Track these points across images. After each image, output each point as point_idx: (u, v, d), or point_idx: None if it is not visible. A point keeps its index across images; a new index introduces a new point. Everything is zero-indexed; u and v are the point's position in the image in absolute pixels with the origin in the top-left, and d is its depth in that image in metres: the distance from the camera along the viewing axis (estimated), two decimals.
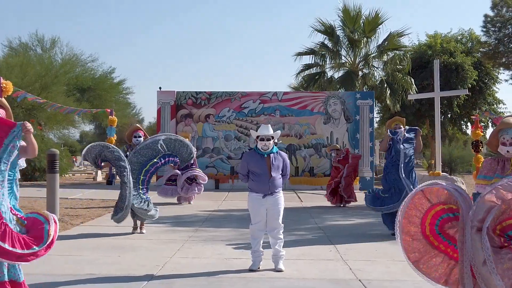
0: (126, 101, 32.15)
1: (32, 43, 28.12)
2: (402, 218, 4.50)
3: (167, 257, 7.28)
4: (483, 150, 14.90)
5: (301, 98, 21.25)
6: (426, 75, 27.80)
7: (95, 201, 14.73)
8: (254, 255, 6.61)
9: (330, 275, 6.38)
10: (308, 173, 20.60)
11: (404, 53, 26.01)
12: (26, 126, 4.33)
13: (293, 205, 13.88)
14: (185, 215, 12.16)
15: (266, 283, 5.99)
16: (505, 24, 21.25)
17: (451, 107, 29.33)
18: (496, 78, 30.72)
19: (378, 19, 25.42)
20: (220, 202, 15.14)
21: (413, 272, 4.57)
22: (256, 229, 6.64)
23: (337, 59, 26.05)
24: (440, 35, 31.70)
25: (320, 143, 20.76)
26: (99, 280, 6.01)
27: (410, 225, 4.50)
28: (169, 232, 9.53)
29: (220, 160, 20.74)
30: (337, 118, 20.81)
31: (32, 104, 21.75)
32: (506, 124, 4.81)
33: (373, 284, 5.94)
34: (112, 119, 13.74)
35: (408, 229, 4.50)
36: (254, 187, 6.61)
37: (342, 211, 13.19)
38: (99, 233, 9.30)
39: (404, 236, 4.50)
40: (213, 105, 20.88)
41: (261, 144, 6.56)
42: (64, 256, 7.12)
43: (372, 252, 7.86)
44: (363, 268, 6.72)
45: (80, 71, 28.32)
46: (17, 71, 21.90)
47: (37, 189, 14.47)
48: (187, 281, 6.00)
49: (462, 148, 31.51)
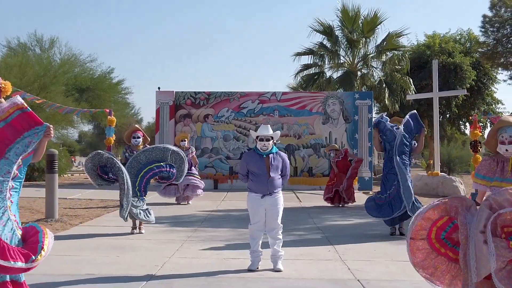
0: (125, 101, 32.12)
1: (31, 43, 28.10)
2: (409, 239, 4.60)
3: (166, 257, 7.29)
4: (481, 150, 14.89)
5: (299, 98, 21.25)
6: (424, 75, 27.84)
7: (94, 201, 14.73)
8: (253, 255, 6.62)
9: (329, 275, 6.40)
10: (307, 173, 20.61)
11: (403, 53, 26.04)
12: (49, 130, 4.35)
13: (292, 205, 13.89)
14: (184, 215, 12.17)
15: (265, 283, 6.00)
16: (503, 25, 21.26)
17: (450, 107, 29.37)
18: (494, 78, 30.77)
19: (377, 19, 25.43)
20: (219, 202, 15.15)
21: (412, 272, 4.59)
22: (255, 229, 6.65)
23: (336, 59, 26.07)
24: (439, 35, 31.75)
25: (319, 143, 20.77)
26: (99, 280, 6.03)
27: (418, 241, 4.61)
28: (168, 232, 9.53)
29: (219, 160, 20.74)
30: (336, 118, 20.83)
31: (31, 104, 21.73)
32: (505, 122, 4.73)
33: (371, 284, 5.96)
34: (111, 119, 13.70)
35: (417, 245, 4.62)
36: (253, 187, 6.63)
37: (341, 211, 13.20)
38: (98, 233, 9.30)
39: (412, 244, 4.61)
40: (212, 105, 20.88)
41: (261, 145, 6.57)
42: (63, 256, 7.12)
43: (371, 252, 7.87)
44: (361, 268, 6.74)
45: (79, 71, 28.29)
46: (16, 71, 21.88)
47: (36, 189, 14.47)
48: (186, 281, 6.01)
49: (461, 148, 31.47)
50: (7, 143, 4.20)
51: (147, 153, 9.15)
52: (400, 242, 8.71)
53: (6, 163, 4.16)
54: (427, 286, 4.88)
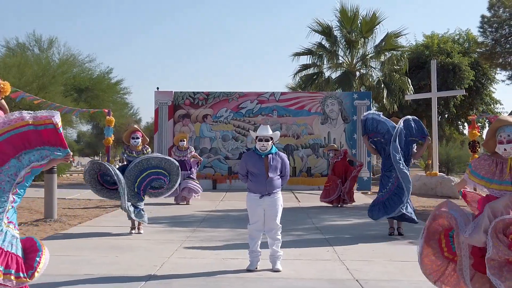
0: (124, 101, 32.10)
1: (30, 43, 28.04)
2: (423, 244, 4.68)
3: (165, 257, 7.30)
4: (480, 150, 14.92)
5: (298, 98, 21.28)
6: (423, 76, 27.86)
7: (92, 201, 14.74)
8: (252, 255, 6.63)
9: (328, 275, 6.41)
10: (306, 173, 20.62)
11: (401, 53, 26.06)
12: (69, 156, 4.38)
13: (290, 205, 13.90)
14: (182, 215, 12.18)
15: (264, 283, 6.01)
16: (502, 25, 21.27)
17: (448, 107, 29.39)
18: (493, 78, 30.80)
19: (376, 19, 25.44)
20: (217, 202, 15.16)
21: (410, 272, 4.60)
22: (253, 229, 6.66)
23: (335, 60, 26.09)
24: (437, 35, 31.77)
25: (317, 143, 20.79)
26: (97, 280, 6.03)
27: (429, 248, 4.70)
28: (167, 233, 9.54)
29: (217, 160, 20.75)
30: (335, 119, 20.85)
31: (29, 105, 21.72)
32: (503, 121, 4.61)
33: (370, 284, 5.97)
34: (110, 119, 13.70)
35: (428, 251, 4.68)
36: (252, 187, 6.65)
37: (340, 211, 13.21)
38: (97, 233, 9.31)
39: None
40: (210, 105, 20.90)
41: (259, 145, 6.58)
42: (62, 257, 7.12)
43: (369, 252, 7.89)
44: (360, 268, 6.75)
45: (77, 71, 28.27)
46: (15, 71, 21.85)
47: (35, 189, 14.45)
48: (185, 281, 6.02)
49: (459, 148, 31.50)
50: (27, 146, 4.21)
51: (147, 160, 9.31)
52: (398, 242, 8.74)
53: (17, 165, 4.17)
54: (426, 286, 4.90)
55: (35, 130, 4.23)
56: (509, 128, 4.52)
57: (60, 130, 4.33)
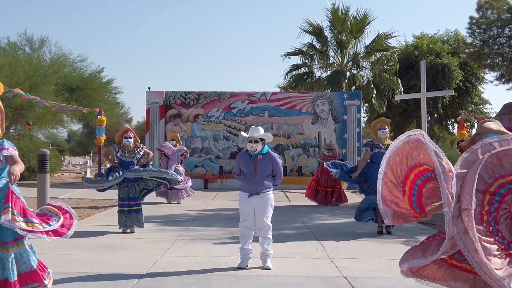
0: (115, 100, 32.08)
1: (21, 42, 27.97)
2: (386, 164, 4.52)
3: (157, 255, 7.39)
4: None
5: (289, 98, 21.42)
6: (412, 76, 28.03)
7: (84, 201, 14.78)
8: (243, 253, 6.74)
9: (317, 272, 6.53)
10: (296, 173, 20.77)
11: (391, 53, 26.22)
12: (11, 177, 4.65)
13: (281, 204, 14.02)
14: (174, 214, 12.26)
15: (254, 280, 6.12)
16: (490, 26, 21.46)
17: (436, 107, 29.58)
18: (482, 79, 31.01)
19: (366, 19, 25.49)
20: (209, 201, 15.25)
21: (398, 269, 4.66)
22: (244, 227, 6.78)
23: (325, 60, 26.21)
24: (427, 36, 31.97)
25: (308, 143, 20.94)
26: (90, 278, 6.12)
27: (392, 175, 4.53)
28: (159, 231, 9.63)
29: (208, 160, 20.85)
30: (325, 118, 21.01)
31: (21, 104, 21.73)
32: (486, 129, 4.57)
33: (358, 281, 6.09)
34: (101, 119, 13.76)
35: (390, 178, 4.54)
36: (243, 186, 6.80)
37: (330, 210, 13.34)
38: (89, 232, 9.36)
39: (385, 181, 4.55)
40: (202, 105, 20.99)
41: (249, 146, 6.70)
42: (55, 255, 7.18)
43: (358, 250, 8.02)
44: (349, 265, 6.87)
45: (68, 70, 28.23)
46: (6, 70, 21.83)
47: (27, 189, 14.45)
48: (177, 279, 6.12)
49: (449, 148, 31.70)
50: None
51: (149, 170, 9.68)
52: (386, 240, 8.88)
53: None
54: (412, 283, 5.01)
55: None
56: (490, 135, 4.45)
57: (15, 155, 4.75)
